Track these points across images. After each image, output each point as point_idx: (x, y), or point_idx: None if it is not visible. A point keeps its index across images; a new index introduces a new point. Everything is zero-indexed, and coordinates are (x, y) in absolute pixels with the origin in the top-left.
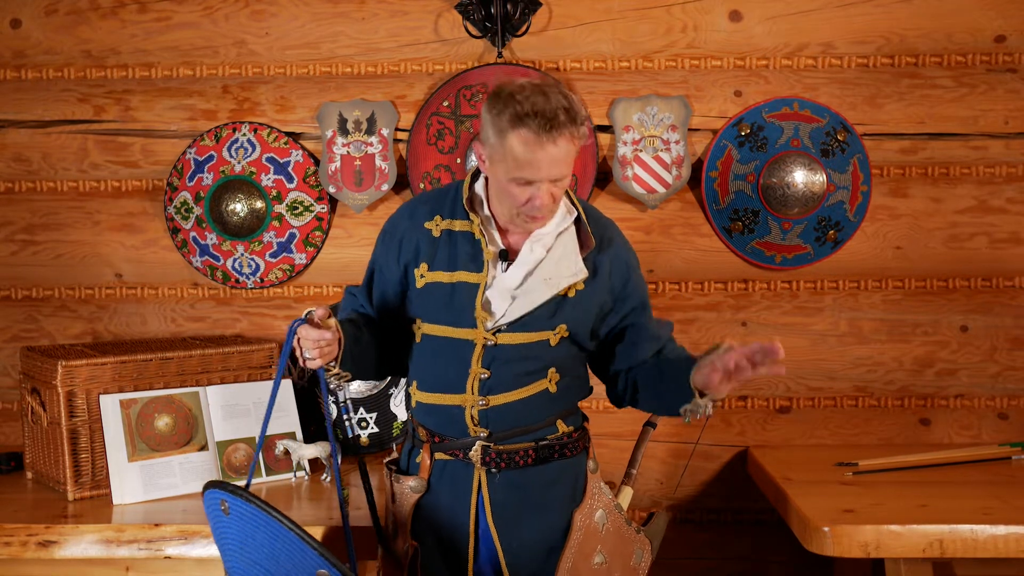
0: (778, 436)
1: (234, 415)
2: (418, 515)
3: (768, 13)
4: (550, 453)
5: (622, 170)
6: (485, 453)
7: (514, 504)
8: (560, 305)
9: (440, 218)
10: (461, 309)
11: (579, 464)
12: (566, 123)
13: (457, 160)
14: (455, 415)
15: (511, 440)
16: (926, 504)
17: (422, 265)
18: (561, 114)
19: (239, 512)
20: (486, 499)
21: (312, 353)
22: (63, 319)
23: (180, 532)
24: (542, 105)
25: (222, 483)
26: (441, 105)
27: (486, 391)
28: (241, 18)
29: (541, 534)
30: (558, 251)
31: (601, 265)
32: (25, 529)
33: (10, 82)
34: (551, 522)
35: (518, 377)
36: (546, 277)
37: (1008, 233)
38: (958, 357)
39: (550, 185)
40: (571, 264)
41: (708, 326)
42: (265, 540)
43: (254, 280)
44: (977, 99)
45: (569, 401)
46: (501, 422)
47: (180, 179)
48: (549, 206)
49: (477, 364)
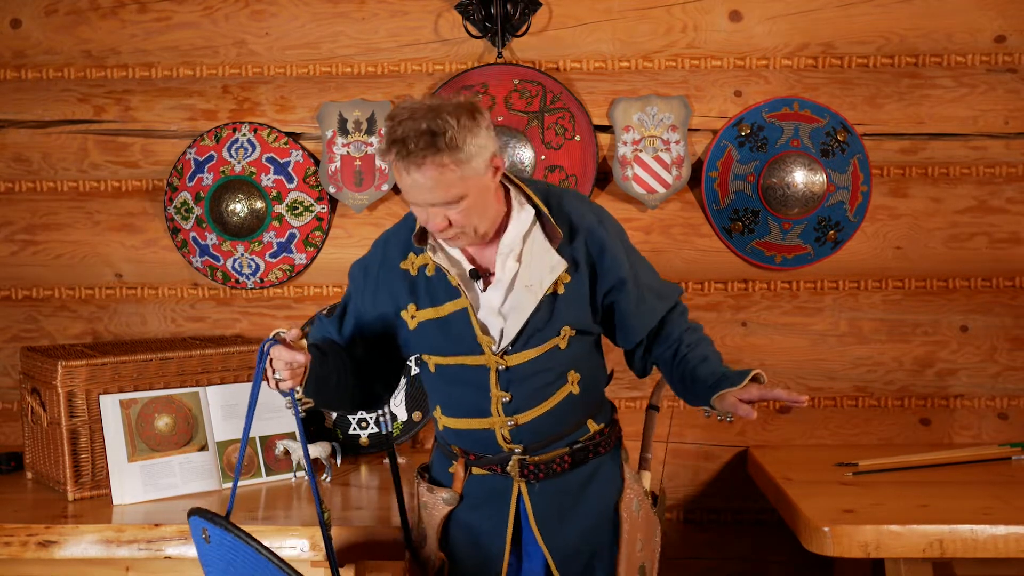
0: (778, 436)
1: (234, 415)
2: (448, 526)
3: (768, 13)
4: (585, 455)
5: (622, 170)
6: (523, 466)
7: (556, 509)
8: (554, 306)
9: (413, 255)
10: (461, 338)
11: (614, 458)
12: (425, 149)
13: None
14: (487, 436)
15: (546, 449)
16: (926, 504)
17: (410, 307)
18: (420, 141)
19: (219, 540)
20: (528, 508)
21: (283, 374)
22: (63, 319)
23: (180, 532)
24: (403, 132)
25: (203, 511)
26: None
27: (512, 412)
28: (241, 18)
29: (583, 532)
30: (528, 255)
31: (577, 248)
32: (25, 529)
33: (10, 82)
34: (592, 518)
35: (540, 391)
36: (527, 284)
37: (1008, 233)
38: (958, 357)
39: (441, 209)
40: (547, 261)
41: (708, 326)
42: (246, 568)
43: (254, 280)
44: (977, 99)
45: (595, 396)
46: (533, 436)
47: (180, 179)
48: (451, 230)
49: (496, 388)
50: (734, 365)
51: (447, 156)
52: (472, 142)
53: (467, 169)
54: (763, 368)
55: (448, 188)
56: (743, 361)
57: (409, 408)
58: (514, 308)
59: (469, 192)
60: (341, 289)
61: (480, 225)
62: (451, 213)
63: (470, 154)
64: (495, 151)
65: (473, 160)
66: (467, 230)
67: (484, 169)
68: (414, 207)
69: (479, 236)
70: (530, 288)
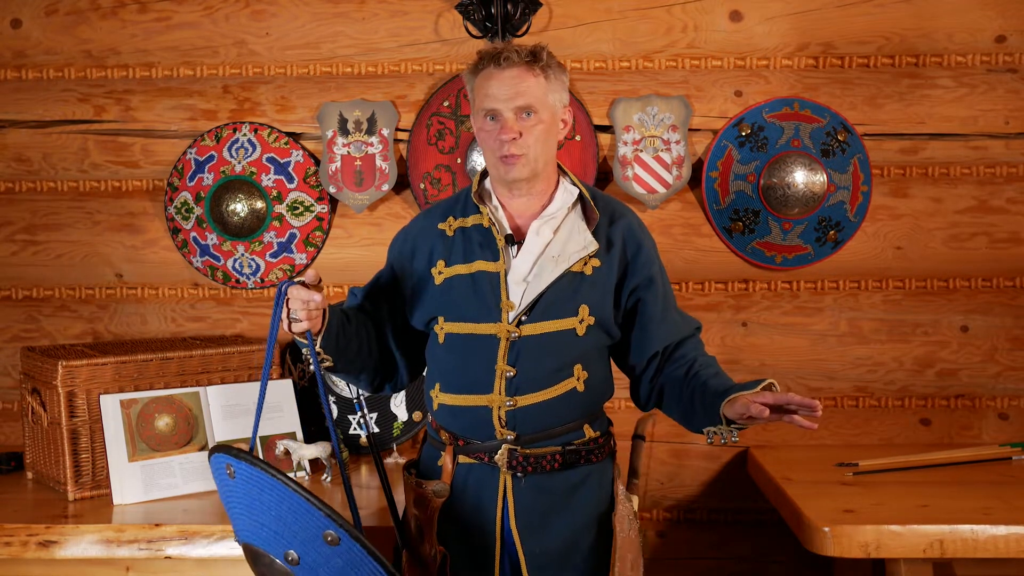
0: (778, 436)
1: (234, 415)
2: (443, 520)
3: (768, 13)
4: (576, 458)
5: (622, 170)
6: (512, 457)
7: (539, 509)
8: (578, 285)
9: (453, 219)
10: (484, 299)
11: (605, 470)
12: (524, 57)
13: (458, 160)
14: (482, 417)
15: (538, 444)
16: (926, 504)
17: (439, 263)
18: (512, 53)
19: (244, 475)
20: (511, 504)
21: (300, 315)
22: (63, 319)
23: (180, 532)
24: (504, 49)
25: (227, 447)
26: (441, 105)
27: (513, 390)
28: (241, 18)
29: (565, 540)
30: (565, 230)
31: (614, 236)
32: (25, 529)
33: (10, 82)
34: (575, 528)
35: (545, 375)
36: (554, 255)
37: (1008, 233)
38: (958, 357)
39: (515, 117)
40: (580, 239)
41: (708, 326)
42: (272, 502)
43: (254, 280)
44: (977, 99)
45: (595, 402)
46: (529, 424)
47: (180, 179)
48: (519, 142)
49: (503, 361)
50: (736, 367)
51: (539, 68)
52: (558, 77)
53: (549, 92)
54: (763, 368)
55: (530, 93)
56: (743, 361)
57: (409, 408)
58: (537, 276)
59: (543, 111)
60: (342, 289)
61: (540, 155)
62: (522, 125)
63: (554, 85)
64: (568, 108)
65: (554, 92)
66: (529, 153)
67: (559, 107)
68: (487, 121)
69: (535, 167)
70: (556, 259)
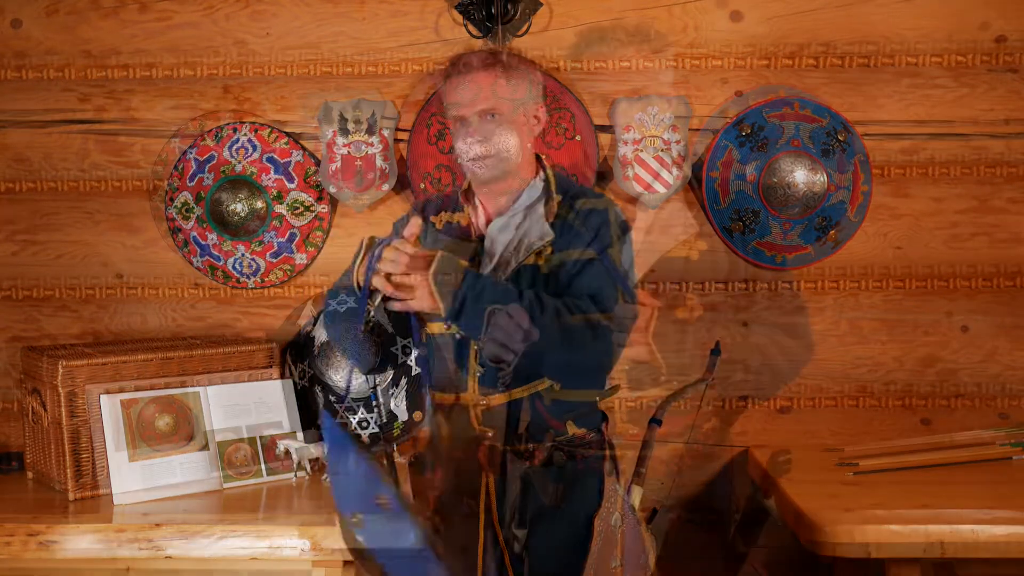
0: (778, 436)
1: (235, 415)
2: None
3: (768, 13)
4: (560, 457)
5: (622, 170)
6: (491, 453)
7: (522, 508)
8: (532, 280)
9: (445, 213)
10: None
11: (594, 468)
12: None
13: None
14: (462, 414)
15: (518, 441)
16: (926, 504)
17: None
18: (472, 58)
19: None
20: (492, 502)
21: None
22: (64, 319)
23: (180, 532)
24: (458, 56)
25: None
26: (442, 105)
27: (485, 390)
28: (242, 18)
29: (549, 539)
30: (525, 225)
31: (574, 223)
32: (25, 529)
33: (10, 82)
34: (560, 527)
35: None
36: (513, 247)
37: (1008, 233)
38: (959, 357)
39: (479, 120)
40: (537, 230)
41: (708, 326)
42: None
43: (255, 280)
44: (977, 99)
45: (576, 399)
46: (504, 423)
47: (181, 179)
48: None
49: (474, 361)
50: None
51: (499, 69)
52: (524, 76)
53: (512, 92)
54: (764, 368)
55: (491, 95)
56: (744, 361)
57: (409, 408)
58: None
59: (509, 111)
60: None
61: (511, 154)
62: (487, 128)
63: (518, 84)
64: (539, 104)
65: (518, 91)
66: (497, 153)
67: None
68: (455, 126)
69: (505, 166)
70: (514, 254)
